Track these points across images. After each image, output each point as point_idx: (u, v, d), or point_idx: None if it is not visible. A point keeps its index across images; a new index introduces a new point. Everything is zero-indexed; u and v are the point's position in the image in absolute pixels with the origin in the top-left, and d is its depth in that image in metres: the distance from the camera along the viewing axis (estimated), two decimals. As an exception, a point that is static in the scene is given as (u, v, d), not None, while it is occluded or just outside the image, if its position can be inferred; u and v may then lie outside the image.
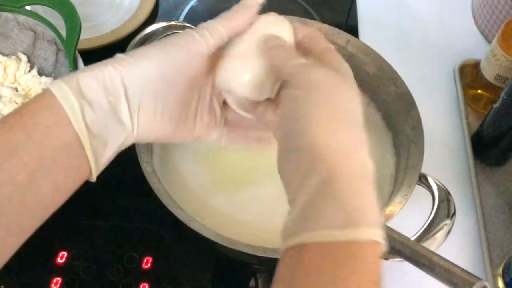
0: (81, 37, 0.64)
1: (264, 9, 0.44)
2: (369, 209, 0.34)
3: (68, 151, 0.38)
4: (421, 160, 0.57)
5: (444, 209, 0.54)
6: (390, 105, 0.65)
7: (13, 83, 0.68)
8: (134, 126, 0.41)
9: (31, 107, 0.38)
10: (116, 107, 0.40)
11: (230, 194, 0.60)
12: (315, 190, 0.34)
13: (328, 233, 0.33)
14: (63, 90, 0.38)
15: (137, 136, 0.42)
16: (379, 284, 0.33)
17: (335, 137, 0.36)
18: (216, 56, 0.43)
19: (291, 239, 0.34)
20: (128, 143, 0.42)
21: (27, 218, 0.38)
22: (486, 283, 0.46)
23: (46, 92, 0.39)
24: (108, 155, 0.41)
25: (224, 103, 0.47)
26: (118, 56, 0.41)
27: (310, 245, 0.33)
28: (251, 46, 0.43)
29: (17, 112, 0.38)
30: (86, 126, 0.38)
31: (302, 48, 0.44)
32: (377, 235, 0.33)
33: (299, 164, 0.36)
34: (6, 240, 0.37)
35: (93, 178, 0.41)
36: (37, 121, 0.37)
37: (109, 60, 0.41)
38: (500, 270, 0.62)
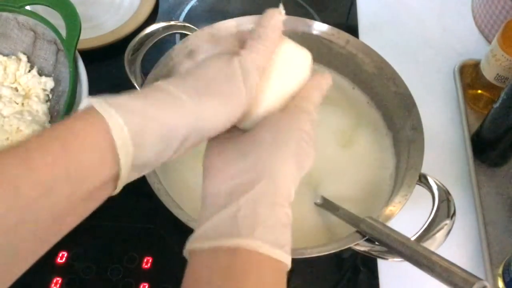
0: (81, 37, 0.64)
1: (264, 9, 0.44)
2: (287, 238, 0.37)
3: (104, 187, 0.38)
4: (421, 160, 0.57)
5: (444, 209, 0.54)
6: (390, 105, 0.65)
7: (13, 83, 0.68)
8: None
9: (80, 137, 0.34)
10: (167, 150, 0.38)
11: (230, 194, 0.60)
12: (264, 203, 0.37)
13: (263, 246, 0.36)
14: (123, 136, 0.34)
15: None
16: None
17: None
18: None
19: (190, 242, 0.39)
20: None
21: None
22: (486, 283, 0.46)
23: (101, 122, 0.34)
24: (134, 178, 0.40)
25: None
26: (179, 99, 0.37)
27: (203, 250, 0.38)
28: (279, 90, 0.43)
29: (57, 137, 0.33)
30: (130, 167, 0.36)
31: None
32: (254, 246, 0.36)
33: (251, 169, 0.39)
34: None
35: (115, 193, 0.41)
36: (80, 159, 0.33)
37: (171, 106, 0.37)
38: (500, 270, 0.62)
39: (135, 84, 0.63)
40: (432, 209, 0.54)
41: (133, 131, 0.34)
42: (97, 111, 0.34)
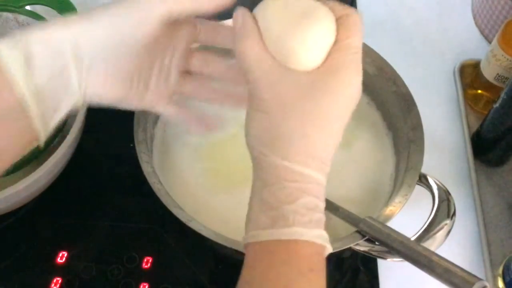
0: (81, 37, 0.64)
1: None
2: (294, 213, 0.38)
3: (13, 115, 0.38)
4: (421, 160, 0.57)
5: (444, 209, 0.54)
6: (390, 105, 0.65)
7: (13, 83, 0.68)
8: (83, 89, 0.40)
9: None
10: (64, 71, 0.39)
11: (230, 194, 0.60)
12: (255, 190, 0.40)
13: (256, 233, 0.38)
14: (11, 53, 0.37)
15: (87, 99, 0.41)
16: (312, 271, 0.38)
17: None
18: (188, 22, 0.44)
19: (243, 239, 0.40)
20: (79, 105, 0.41)
21: None
22: (486, 283, 0.46)
23: None
24: (58, 118, 0.40)
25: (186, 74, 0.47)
26: (71, 17, 0.40)
27: (248, 244, 0.39)
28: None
29: None
30: (32, 90, 0.37)
31: None
32: (297, 235, 0.37)
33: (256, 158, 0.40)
34: None
35: (41, 142, 0.40)
36: None
37: (60, 20, 0.40)
38: (500, 270, 0.62)
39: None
40: (432, 209, 0.54)
41: (21, 51, 0.37)
42: None
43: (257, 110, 0.39)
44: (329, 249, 0.39)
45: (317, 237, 0.38)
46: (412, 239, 0.51)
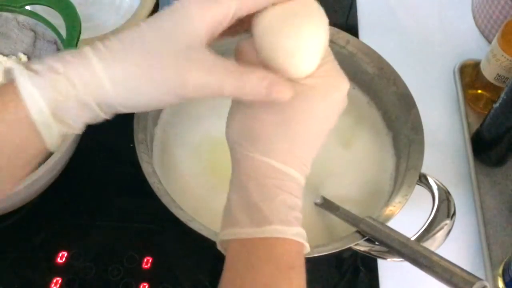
0: (81, 37, 0.64)
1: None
2: (274, 211, 0.38)
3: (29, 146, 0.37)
4: (421, 160, 0.57)
5: (444, 209, 0.54)
6: (390, 105, 0.65)
7: (13, 83, 0.68)
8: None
9: None
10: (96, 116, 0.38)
11: (230, 194, 0.60)
12: (234, 185, 0.39)
13: (233, 231, 0.38)
14: (37, 101, 0.35)
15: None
16: (293, 269, 0.37)
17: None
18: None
19: (218, 235, 0.40)
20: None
21: None
22: (486, 283, 0.46)
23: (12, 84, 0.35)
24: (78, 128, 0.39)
25: None
26: (103, 53, 0.37)
27: (226, 241, 0.39)
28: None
29: None
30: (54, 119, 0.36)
31: None
32: (276, 232, 0.37)
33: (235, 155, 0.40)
34: None
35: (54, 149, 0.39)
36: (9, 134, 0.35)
37: (94, 59, 0.36)
38: (500, 270, 0.62)
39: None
40: (432, 209, 0.54)
41: (53, 108, 0.35)
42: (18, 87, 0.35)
43: (240, 104, 0.39)
44: (308, 248, 0.39)
45: (296, 235, 0.38)
46: (412, 239, 0.51)
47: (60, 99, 0.35)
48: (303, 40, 0.38)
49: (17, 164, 0.37)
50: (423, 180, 0.57)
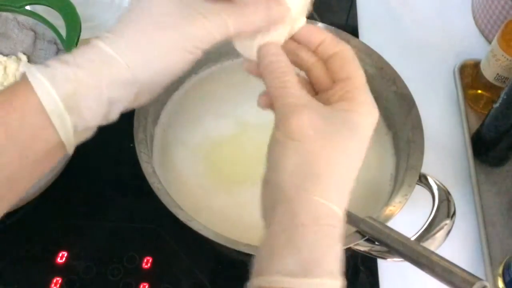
0: (81, 37, 0.64)
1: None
2: (326, 261, 0.35)
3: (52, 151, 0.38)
4: (421, 160, 0.57)
5: (444, 209, 0.54)
6: (390, 105, 0.65)
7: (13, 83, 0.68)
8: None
9: (14, 103, 0.36)
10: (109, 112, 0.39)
11: (230, 194, 0.60)
12: (280, 229, 0.35)
13: (281, 279, 0.34)
14: (53, 104, 0.36)
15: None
16: None
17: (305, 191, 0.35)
18: None
19: (253, 279, 0.35)
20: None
21: None
22: (486, 283, 0.46)
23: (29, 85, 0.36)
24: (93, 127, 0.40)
25: None
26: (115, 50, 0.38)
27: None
28: None
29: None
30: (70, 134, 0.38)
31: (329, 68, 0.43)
32: (330, 287, 0.34)
33: (271, 197, 0.37)
34: None
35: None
36: (22, 123, 0.36)
37: (100, 43, 0.39)
38: (500, 270, 0.62)
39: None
40: (432, 209, 0.54)
41: (65, 98, 0.36)
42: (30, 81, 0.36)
43: (288, 138, 0.36)
44: None
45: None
46: (412, 239, 0.51)
47: (70, 87, 0.36)
48: None
49: (31, 157, 0.37)
50: (423, 180, 0.56)
